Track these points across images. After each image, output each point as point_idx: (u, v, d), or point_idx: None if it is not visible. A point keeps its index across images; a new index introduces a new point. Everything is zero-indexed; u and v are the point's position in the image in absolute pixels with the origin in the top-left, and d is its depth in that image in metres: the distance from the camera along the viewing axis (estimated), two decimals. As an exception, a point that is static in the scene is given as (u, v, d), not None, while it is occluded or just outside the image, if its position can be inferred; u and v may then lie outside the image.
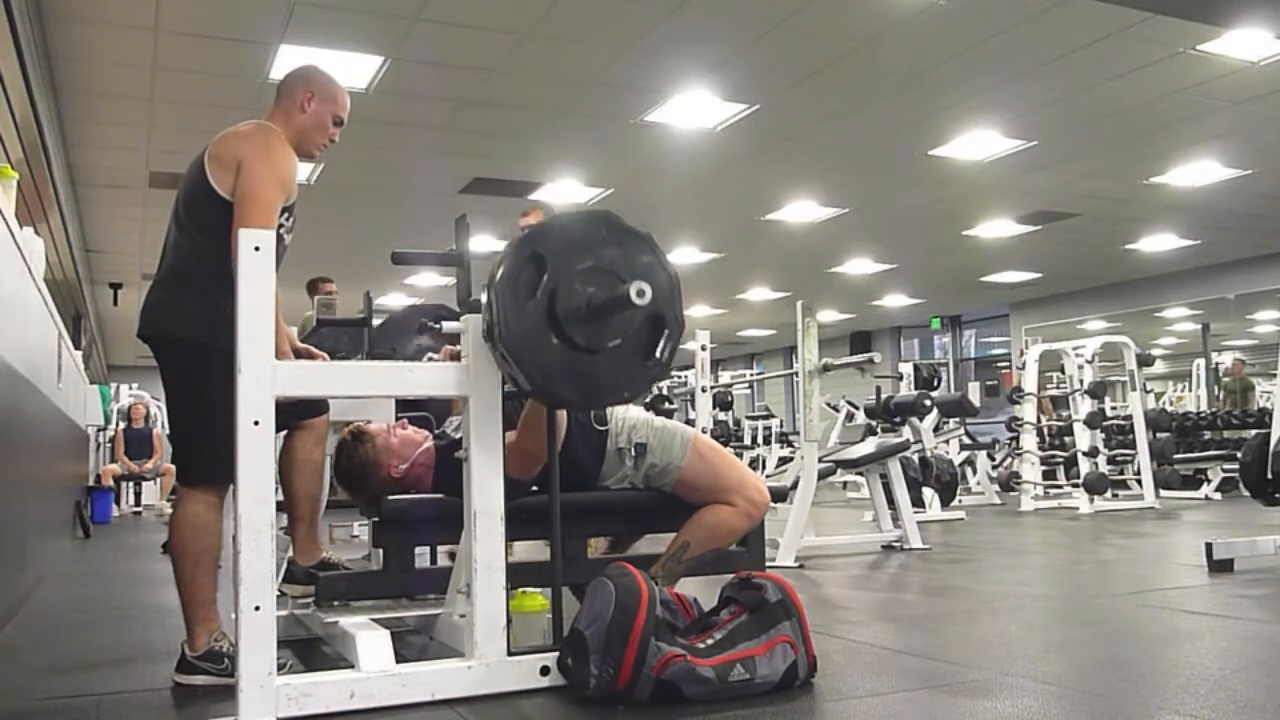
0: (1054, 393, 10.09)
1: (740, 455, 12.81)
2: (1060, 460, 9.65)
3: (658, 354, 2.26)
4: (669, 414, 13.36)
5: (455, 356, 2.54)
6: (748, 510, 2.65)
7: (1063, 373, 9.73)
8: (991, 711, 1.98)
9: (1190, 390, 13.17)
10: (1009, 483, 9.69)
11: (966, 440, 9.97)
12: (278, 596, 2.10)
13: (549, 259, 2.18)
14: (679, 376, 8.43)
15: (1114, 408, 10.72)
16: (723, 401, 13.19)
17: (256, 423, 1.97)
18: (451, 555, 2.73)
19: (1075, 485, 8.27)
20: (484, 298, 2.21)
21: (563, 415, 2.47)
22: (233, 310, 2.00)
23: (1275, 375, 10.04)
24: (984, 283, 13.60)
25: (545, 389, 2.21)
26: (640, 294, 2.08)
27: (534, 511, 2.36)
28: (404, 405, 3.16)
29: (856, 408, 11.73)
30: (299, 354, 2.64)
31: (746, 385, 17.69)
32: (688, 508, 2.65)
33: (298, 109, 2.60)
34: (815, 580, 4.26)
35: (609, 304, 2.16)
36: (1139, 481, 8.53)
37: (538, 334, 2.16)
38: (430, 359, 2.79)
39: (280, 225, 2.44)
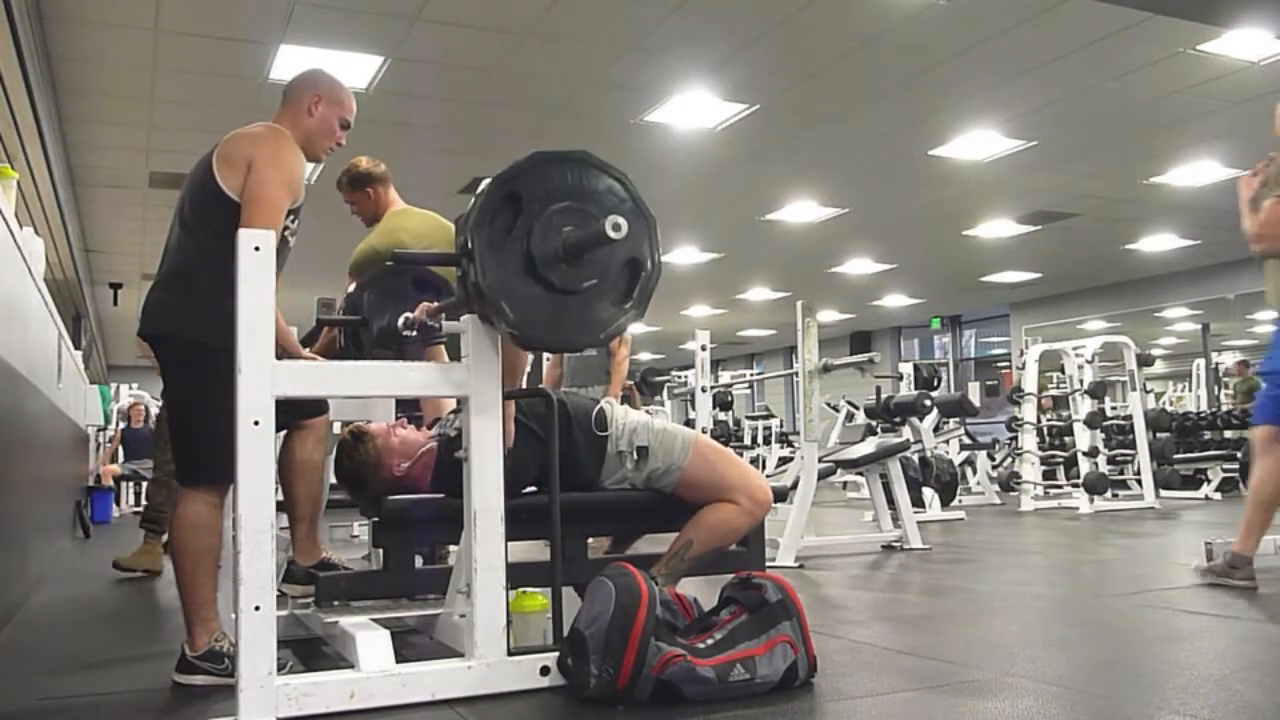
0: (1054, 393, 10.08)
1: (740, 455, 12.79)
2: (1060, 460, 9.65)
3: (634, 296, 2.24)
4: (729, 405, 13.33)
5: (433, 314, 2.58)
6: (750, 509, 2.65)
7: (1063, 373, 9.72)
8: (991, 711, 1.98)
9: (1190, 390, 13.17)
10: (1009, 483, 9.69)
11: (966, 440, 9.96)
12: (278, 596, 2.10)
13: (524, 198, 2.16)
14: (679, 376, 8.42)
15: (1114, 408, 10.71)
16: (723, 401, 13.19)
17: (256, 423, 1.97)
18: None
19: (1075, 485, 8.26)
20: (458, 238, 2.19)
21: (525, 355, 2.54)
22: (233, 310, 2.00)
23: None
24: (984, 283, 13.61)
25: (519, 329, 2.17)
26: (616, 228, 2.06)
27: (534, 511, 2.36)
28: (403, 405, 3.16)
29: (856, 408, 11.73)
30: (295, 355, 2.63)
31: (746, 385, 17.69)
32: (689, 508, 2.65)
33: (305, 112, 2.61)
34: (815, 580, 4.26)
35: (585, 241, 2.14)
36: (1139, 481, 8.53)
37: (513, 274, 2.14)
38: (406, 319, 2.75)
39: (285, 228, 2.44)
